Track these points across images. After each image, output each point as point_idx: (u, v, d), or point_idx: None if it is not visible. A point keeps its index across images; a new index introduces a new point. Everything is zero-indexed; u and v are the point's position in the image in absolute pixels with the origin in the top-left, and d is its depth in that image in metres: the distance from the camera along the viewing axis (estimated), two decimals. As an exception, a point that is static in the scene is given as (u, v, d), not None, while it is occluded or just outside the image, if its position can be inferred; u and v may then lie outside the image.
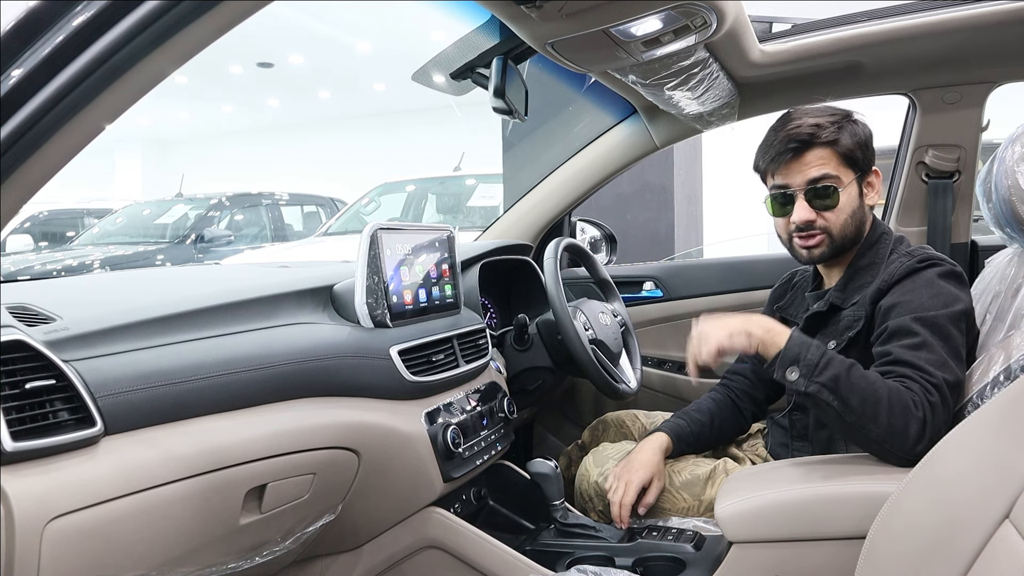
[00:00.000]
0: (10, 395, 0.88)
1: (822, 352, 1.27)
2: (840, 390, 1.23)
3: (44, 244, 8.43)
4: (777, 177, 1.49)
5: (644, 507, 1.51)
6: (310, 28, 8.88)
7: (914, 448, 1.20)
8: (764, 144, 1.51)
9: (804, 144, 1.44)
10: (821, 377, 1.24)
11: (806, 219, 1.45)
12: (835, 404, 1.23)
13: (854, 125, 1.47)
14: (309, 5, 8.05)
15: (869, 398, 1.22)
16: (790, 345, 1.29)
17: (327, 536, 1.39)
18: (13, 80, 0.72)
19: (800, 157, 1.45)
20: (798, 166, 1.46)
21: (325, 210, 8.16)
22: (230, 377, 1.14)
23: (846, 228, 1.47)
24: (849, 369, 1.26)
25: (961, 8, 1.62)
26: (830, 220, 1.46)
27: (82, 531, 0.91)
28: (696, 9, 1.25)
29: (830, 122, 1.45)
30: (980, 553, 0.76)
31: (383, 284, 1.43)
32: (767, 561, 1.25)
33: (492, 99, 1.50)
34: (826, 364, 1.25)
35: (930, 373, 1.25)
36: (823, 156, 1.45)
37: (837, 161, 1.45)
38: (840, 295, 1.48)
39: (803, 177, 1.45)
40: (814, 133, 1.44)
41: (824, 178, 1.44)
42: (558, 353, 1.81)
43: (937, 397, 1.23)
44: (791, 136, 1.45)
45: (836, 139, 1.44)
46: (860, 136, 1.47)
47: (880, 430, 1.22)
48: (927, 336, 1.29)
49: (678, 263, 3.44)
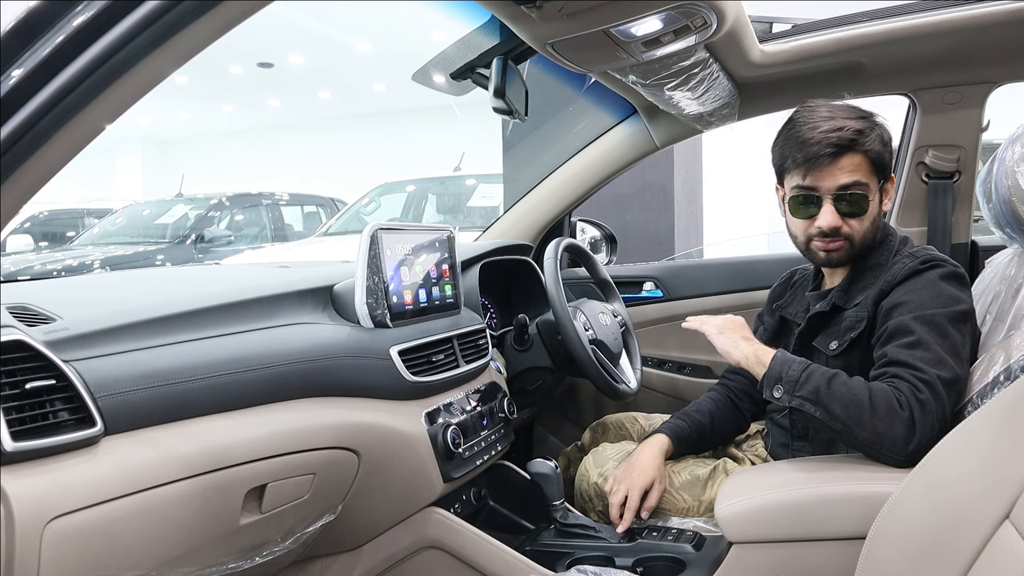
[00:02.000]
0: (10, 395, 0.88)
1: (803, 367, 1.32)
2: (821, 400, 1.28)
3: (44, 244, 8.43)
4: (807, 178, 1.40)
5: (647, 511, 1.51)
6: (310, 28, 8.88)
7: (905, 447, 1.21)
8: (795, 141, 1.40)
9: (843, 149, 1.37)
10: (802, 391, 1.29)
11: (833, 225, 1.40)
12: (818, 414, 1.28)
13: (881, 128, 1.42)
14: (309, 5, 8.05)
15: (851, 404, 1.25)
16: (773, 365, 1.35)
17: (327, 536, 1.39)
18: (13, 80, 0.72)
19: (835, 161, 1.37)
20: (831, 170, 1.38)
21: (325, 210, 8.16)
22: (230, 377, 1.14)
23: (867, 235, 1.43)
24: (830, 380, 1.29)
25: (961, 8, 1.62)
26: (854, 228, 1.41)
27: (82, 531, 0.91)
28: (696, 9, 1.25)
29: (868, 127, 1.39)
30: (980, 553, 0.76)
31: (383, 284, 1.43)
32: (767, 561, 1.25)
33: (492, 99, 1.50)
34: (806, 378, 1.30)
35: (921, 370, 1.25)
36: (858, 163, 1.38)
37: (868, 168, 1.40)
38: (843, 295, 1.47)
39: (835, 182, 1.38)
40: (855, 139, 1.36)
41: (855, 185, 1.38)
42: (558, 353, 1.81)
43: (927, 394, 1.23)
44: (830, 139, 1.36)
45: (873, 148, 1.39)
46: (887, 141, 1.43)
47: (867, 433, 1.24)
48: (923, 334, 1.29)
49: (678, 263, 3.44)
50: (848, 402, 1.26)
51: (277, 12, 7.57)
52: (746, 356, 1.40)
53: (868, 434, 1.24)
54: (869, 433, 1.23)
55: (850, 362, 1.40)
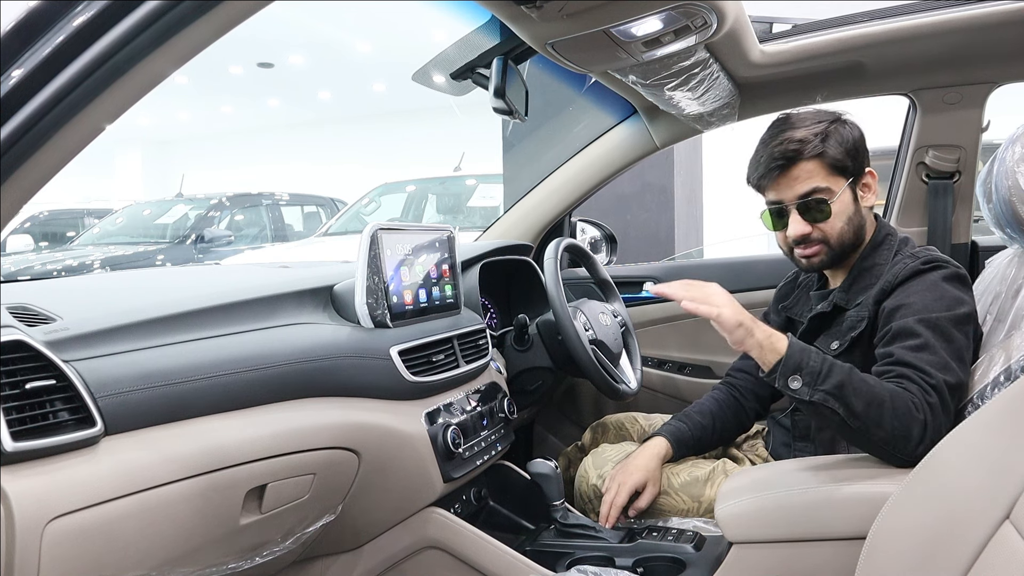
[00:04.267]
0: (10, 395, 0.88)
1: (823, 358, 1.26)
2: (845, 396, 1.21)
3: (44, 244, 8.44)
4: (769, 192, 1.49)
5: (635, 511, 1.51)
6: (310, 28, 8.88)
7: (915, 450, 1.20)
8: (754, 160, 1.50)
9: (790, 160, 1.44)
10: (825, 385, 1.22)
11: (801, 233, 1.46)
12: (841, 411, 1.21)
13: (842, 128, 1.45)
14: (309, 5, 8.05)
15: (873, 402, 1.22)
16: (791, 353, 1.25)
17: (327, 536, 1.39)
18: (13, 80, 0.72)
19: (787, 172, 1.44)
20: (787, 181, 1.45)
21: (325, 210, 8.17)
22: (230, 377, 1.14)
23: (843, 235, 1.46)
24: (850, 374, 1.24)
25: (961, 8, 1.62)
26: (826, 231, 1.46)
27: (82, 531, 0.91)
28: (696, 9, 1.25)
29: (814, 133, 1.43)
30: (980, 554, 0.76)
31: (383, 284, 1.43)
32: (767, 561, 1.25)
33: (492, 99, 1.50)
34: (829, 371, 1.23)
35: (929, 374, 1.25)
36: (810, 170, 1.43)
37: (826, 172, 1.44)
38: (844, 296, 1.48)
39: (793, 192, 1.45)
40: (798, 149, 1.43)
41: (814, 192, 1.44)
42: (558, 353, 1.81)
43: (936, 399, 1.23)
44: (775, 154, 1.44)
45: (822, 151, 1.43)
46: (849, 141, 1.45)
47: (884, 434, 1.21)
48: (929, 338, 1.29)
49: (678, 263, 3.44)
50: (870, 400, 1.21)
51: (277, 12, 7.58)
52: (760, 343, 1.26)
53: (885, 435, 1.21)
54: (887, 434, 1.21)
55: (851, 361, 1.40)
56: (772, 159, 1.45)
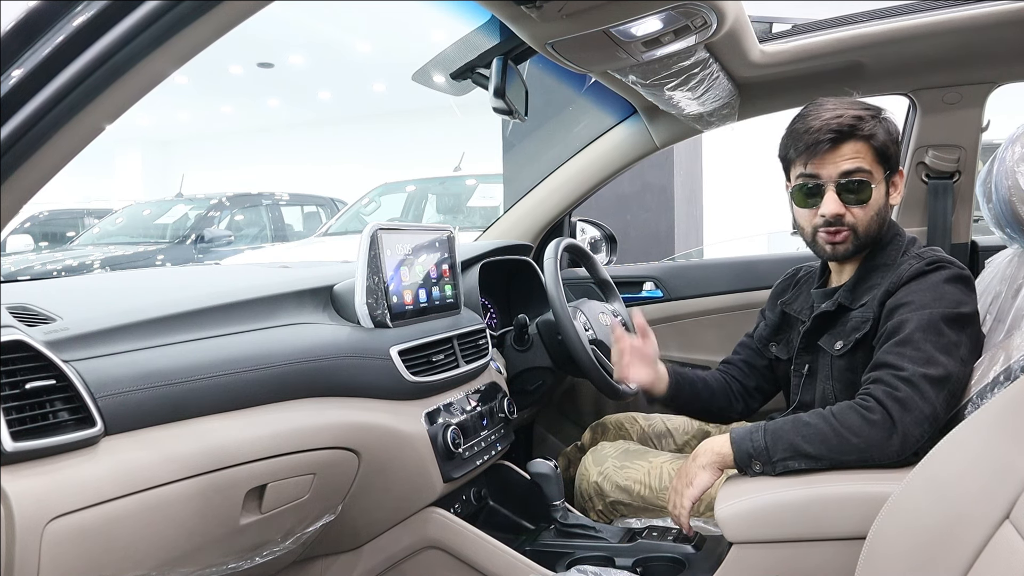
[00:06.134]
0: (10, 395, 0.88)
1: (763, 430, 1.28)
2: (800, 450, 1.24)
3: (44, 244, 8.44)
4: (809, 167, 1.41)
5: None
6: (310, 28, 8.88)
7: (890, 447, 1.21)
8: (796, 132, 1.42)
9: (842, 135, 1.38)
10: (778, 454, 1.25)
11: (835, 212, 1.40)
12: (805, 464, 1.25)
13: (887, 122, 1.43)
14: (309, 5, 8.05)
15: (825, 438, 1.23)
16: (736, 447, 1.29)
17: (327, 536, 1.39)
18: (13, 80, 0.72)
19: (836, 148, 1.38)
20: (833, 157, 1.39)
21: (325, 210, 8.17)
22: (230, 377, 1.14)
23: (871, 226, 1.42)
24: (794, 425, 1.26)
25: (961, 8, 1.62)
26: (858, 216, 1.41)
27: (82, 531, 0.91)
28: (696, 9, 1.25)
29: (870, 115, 1.40)
30: (980, 553, 0.76)
31: (383, 284, 1.43)
32: (767, 561, 1.25)
33: (492, 99, 1.50)
34: (775, 439, 1.26)
35: (901, 368, 1.25)
36: (859, 150, 1.39)
37: (872, 156, 1.40)
38: (849, 295, 1.46)
39: (836, 169, 1.39)
40: (855, 125, 1.37)
41: (858, 172, 1.39)
42: (558, 353, 1.81)
43: (906, 392, 1.22)
44: (830, 126, 1.38)
45: (874, 133, 1.39)
46: (893, 133, 1.43)
47: (857, 452, 1.22)
48: (914, 331, 1.28)
49: (678, 263, 3.44)
50: (822, 438, 1.23)
51: (277, 12, 7.58)
52: (711, 460, 1.32)
53: (858, 452, 1.22)
54: (859, 451, 1.22)
55: (854, 362, 1.40)
56: (825, 131, 1.37)
